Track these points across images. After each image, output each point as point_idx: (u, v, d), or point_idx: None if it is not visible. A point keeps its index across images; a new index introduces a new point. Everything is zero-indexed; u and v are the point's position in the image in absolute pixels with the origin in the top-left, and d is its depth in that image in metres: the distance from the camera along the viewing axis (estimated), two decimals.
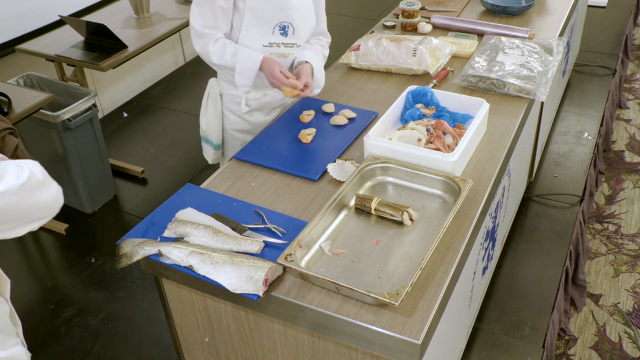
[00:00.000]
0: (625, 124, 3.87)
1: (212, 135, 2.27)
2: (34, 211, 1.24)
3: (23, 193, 1.18)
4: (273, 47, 2.07)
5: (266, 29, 2.03)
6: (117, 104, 4.23)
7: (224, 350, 1.72)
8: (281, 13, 2.01)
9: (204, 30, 2.01)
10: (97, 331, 2.57)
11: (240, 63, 2.01)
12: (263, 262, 1.43)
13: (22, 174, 1.19)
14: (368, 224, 1.61)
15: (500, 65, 2.24)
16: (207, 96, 2.26)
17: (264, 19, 2.01)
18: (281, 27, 2.03)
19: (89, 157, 3.11)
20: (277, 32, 2.04)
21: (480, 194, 1.71)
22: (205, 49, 2.03)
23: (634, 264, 2.83)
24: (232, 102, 2.21)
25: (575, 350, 2.45)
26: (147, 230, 1.61)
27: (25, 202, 1.20)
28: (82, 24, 3.18)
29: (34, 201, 1.22)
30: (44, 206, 1.25)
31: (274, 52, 2.08)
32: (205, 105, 2.27)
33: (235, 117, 2.23)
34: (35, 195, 1.21)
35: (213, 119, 2.24)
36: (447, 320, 1.67)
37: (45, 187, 1.24)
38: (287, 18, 2.03)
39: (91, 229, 3.15)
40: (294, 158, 1.90)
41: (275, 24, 2.03)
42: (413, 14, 2.68)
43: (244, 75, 2.03)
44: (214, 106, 2.23)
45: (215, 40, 2.02)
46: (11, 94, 2.67)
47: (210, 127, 2.26)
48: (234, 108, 2.22)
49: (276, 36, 2.05)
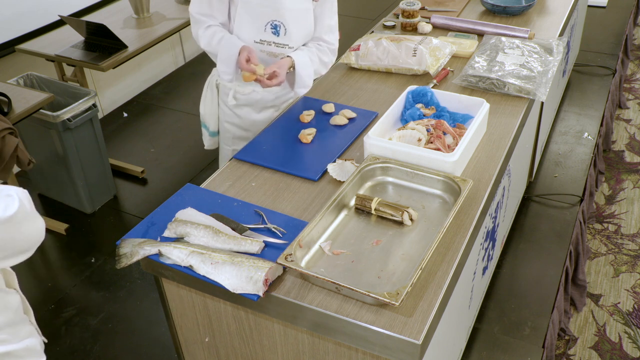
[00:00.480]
0: (625, 124, 3.87)
1: (209, 122, 2.33)
2: (21, 242, 1.22)
3: (10, 224, 1.17)
4: (264, 45, 2.08)
5: (258, 25, 2.04)
6: (117, 104, 4.23)
7: (224, 350, 1.72)
8: (273, 11, 2.01)
9: (199, 17, 2.07)
10: (97, 331, 2.57)
11: (222, 50, 2.05)
12: (263, 262, 1.43)
13: (11, 204, 1.18)
14: (368, 224, 1.61)
15: (500, 65, 2.24)
16: (207, 84, 2.31)
17: (257, 14, 2.02)
18: (273, 26, 2.04)
19: (89, 157, 3.11)
20: (268, 30, 2.05)
21: (480, 194, 1.71)
22: (197, 34, 2.09)
23: (634, 264, 2.83)
24: (225, 93, 2.24)
25: (575, 350, 2.45)
26: (147, 230, 1.61)
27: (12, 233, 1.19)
28: (82, 24, 3.18)
29: (21, 232, 1.21)
30: (31, 237, 1.25)
31: (265, 49, 2.09)
32: (205, 92, 2.32)
33: (227, 110, 2.26)
34: (23, 226, 1.20)
35: (210, 107, 2.30)
36: (447, 320, 1.67)
37: (32, 219, 1.24)
38: (279, 17, 2.03)
39: (91, 229, 3.15)
40: (294, 158, 1.90)
41: (267, 21, 2.03)
42: (413, 14, 2.68)
43: (225, 62, 2.07)
44: (211, 95, 2.28)
45: (207, 26, 2.07)
46: (11, 94, 2.67)
47: (208, 114, 2.32)
48: (227, 99, 2.24)
49: (268, 34, 2.06)
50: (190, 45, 4.72)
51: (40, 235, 1.27)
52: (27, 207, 1.21)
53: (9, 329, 1.39)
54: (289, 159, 1.90)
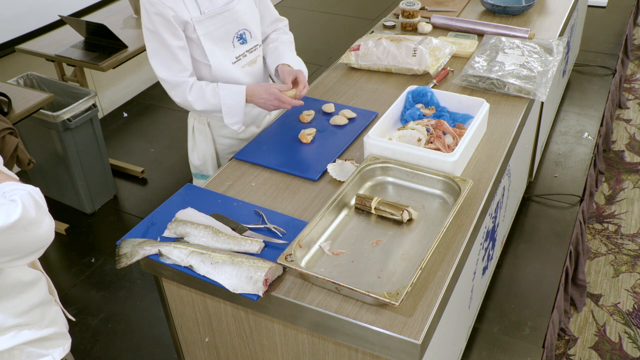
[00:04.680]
0: (625, 124, 3.87)
1: (208, 168, 2.19)
2: (26, 247, 1.22)
3: (13, 231, 1.17)
4: (241, 60, 2.02)
5: (227, 46, 1.97)
6: (117, 104, 4.23)
7: (224, 350, 1.72)
8: (234, 24, 1.96)
9: (175, 79, 1.91)
10: (97, 331, 2.57)
11: (225, 102, 1.93)
12: (263, 262, 1.43)
13: (13, 212, 1.17)
14: (368, 224, 1.61)
15: (500, 65, 2.24)
16: (192, 131, 2.16)
17: (221, 36, 1.94)
18: (239, 37, 1.98)
19: (89, 157, 3.11)
20: (237, 44, 1.99)
21: (480, 194, 1.71)
22: (184, 100, 1.93)
23: (634, 264, 2.83)
24: (223, 127, 2.10)
25: (575, 350, 2.45)
26: (147, 230, 1.61)
27: (15, 240, 1.19)
28: (82, 24, 3.18)
29: (25, 238, 1.20)
30: (37, 241, 1.24)
31: (244, 63, 2.03)
32: (192, 141, 2.18)
33: (229, 140, 2.15)
34: (27, 232, 1.20)
35: (206, 152, 2.16)
36: (447, 320, 1.67)
37: (36, 225, 1.22)
38: (242, 25, 1.98)
39: (91, 229, 3.15)
40: (294, 158, 1.90)
41: (232, 36, 1.97)
42: (413, 14, 2.68)
43: (232, 113, 1.96)
44: (203, 138, 2.14)
45: (190, 87, 1.92)
46: (11, 94, 2.67)
47: (205, 161, 2.17)
48: (226, 132, 2.13)
49: (238, 48, 1.99)
50: None
51: (47, 237, 1.27)
52: (31, 213, 1.20)
53: (37, 309, 1.41)
54: (289, 159, 1.90)
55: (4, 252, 1.19)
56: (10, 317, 1.35)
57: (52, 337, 1.44)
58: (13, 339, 1.36)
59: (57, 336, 1.47)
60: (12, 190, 1.24)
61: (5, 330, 1.35)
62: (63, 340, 1.49)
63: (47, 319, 1.44)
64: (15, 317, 1.36)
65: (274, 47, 2.12)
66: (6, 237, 1.16)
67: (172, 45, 1.87)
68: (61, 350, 1.47)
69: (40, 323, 1.42)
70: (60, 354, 1.46)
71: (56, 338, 1.46)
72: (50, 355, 1.44)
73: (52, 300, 1.49)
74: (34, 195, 1.24)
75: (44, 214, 1.25)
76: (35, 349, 1.40)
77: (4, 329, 1.35)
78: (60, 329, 1.48)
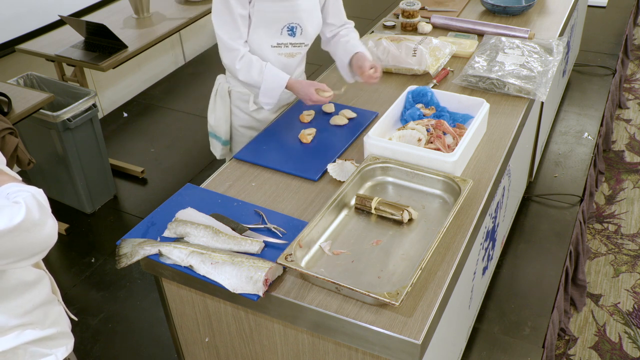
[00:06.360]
0: (625, 124, 3.87)
1: (221, 131, 2.29)
2: (30, 248, 1.22)
3: (16, 233, 1.17)
4: (281, 48, 2.09)
5: (274, 31, 2.04)
6: (117, 104, 4.22)
7: (224, 350, 1.72)
8: (289, 15, 2.02)
9: (232, 43, 2.00)
10: (97, 331, 2.57)
11: (266, 82, 2.03)
12: (263, 262, 1.43)
13: (17, 214, 1.17)
14: (368, 224, 1.61)
15: (500, 65, 2.24)
16: (215, 93, 2.27)
17: (272, 21, 2.02)
18: (289, 28, 2.05)
19: (89, 157, 3.11)
20: (285, 33, 2.06)
21: (480, 194, 1.71)
22: (232, 65, 2.03)
23: (634, 264, 2.83)
24: (240, 99, 2.22)
25: (575, 350, 2.45)
26: (147, 230, 1.61)
27: (18, 242, 1.18)
28: (82, 24, 3.18)
29: (29, 240, 1.20)
30: (41, 243, 1.24)
31: (282, 52, 2.10)
32: (213, 101, 2.28)
33: (243, 114, 2.24)
34: (31, 234, 1.20)
35: (221, 116, 2.25)
36: (447, 320, 1.67)
37: (39, 227, 1.22)
38: (296, 19, 2.04)
39: (91, 229, 3.15)
40: (294, 158, 1.90)
41: (283, 25, 2.04)
42: (413, 14, 2.68)
43: (269, 94, 2.05)
44: (222, 103, 2.24)
45: (241, 57, 2.01)
46: (11, 94, 2.67)
47: (219, 124, 2.27)
48: (242, 105, 2.23)
49: (284, 37, 2.06)
50: (190, 45, 4.72)
51: (51, 239, 1.27)
52: (35, 215, 1.20)
53: (40, 309, 1.41)
54: (289, 159, 1.90)
55: (8, 254, 1.19)
56: (13, 317, 1.35)
57: (55, 336, 1.44)
58: (16, 338, 1.36)
59: (60, 335, 1.47)
60: (16, 191, 1.24)
61: (8, 330, 1.35)
62: (66, 340, 1.49)
63: (50, 318, 1.44)
64: (18, 317, 1.36)
65: (346, 41, 2.22)
66: (9, 239, 1.16)
67: (235, 12, 1.96)
68: (64, 350, 1.47)
69: (43, 322, 1.42)
70: (63, 354, 1.47)
71: (59, 337, 1.46)
72: (53, 355, 1.44)
73: (55, 300, 1.49)
74: (37, 197, 1.24)
75: (48, 215, 1.25)
76: (38, 348, 1.40)
77: (8, 328, 1.35)
78: (63, 328, 1.49)
